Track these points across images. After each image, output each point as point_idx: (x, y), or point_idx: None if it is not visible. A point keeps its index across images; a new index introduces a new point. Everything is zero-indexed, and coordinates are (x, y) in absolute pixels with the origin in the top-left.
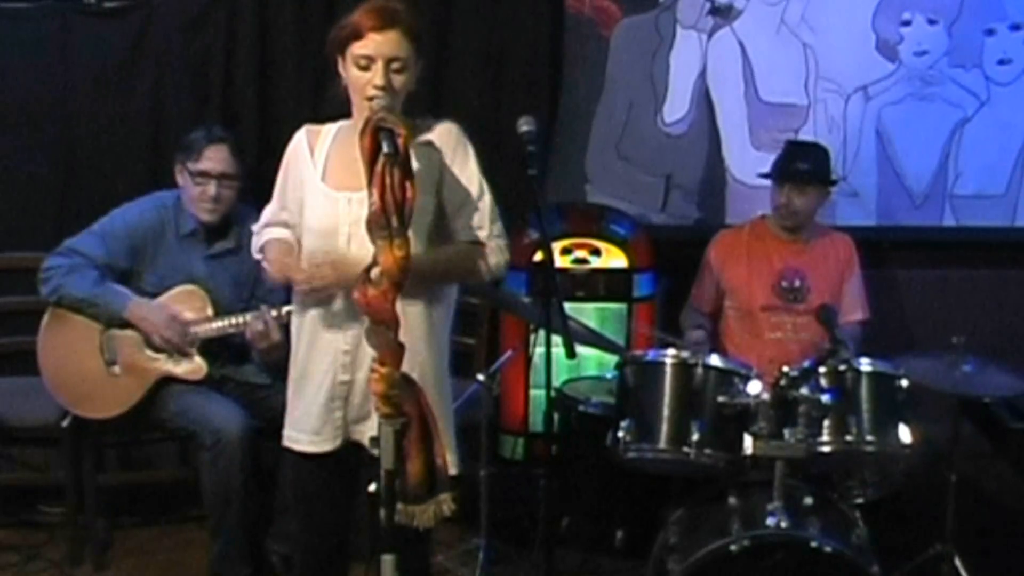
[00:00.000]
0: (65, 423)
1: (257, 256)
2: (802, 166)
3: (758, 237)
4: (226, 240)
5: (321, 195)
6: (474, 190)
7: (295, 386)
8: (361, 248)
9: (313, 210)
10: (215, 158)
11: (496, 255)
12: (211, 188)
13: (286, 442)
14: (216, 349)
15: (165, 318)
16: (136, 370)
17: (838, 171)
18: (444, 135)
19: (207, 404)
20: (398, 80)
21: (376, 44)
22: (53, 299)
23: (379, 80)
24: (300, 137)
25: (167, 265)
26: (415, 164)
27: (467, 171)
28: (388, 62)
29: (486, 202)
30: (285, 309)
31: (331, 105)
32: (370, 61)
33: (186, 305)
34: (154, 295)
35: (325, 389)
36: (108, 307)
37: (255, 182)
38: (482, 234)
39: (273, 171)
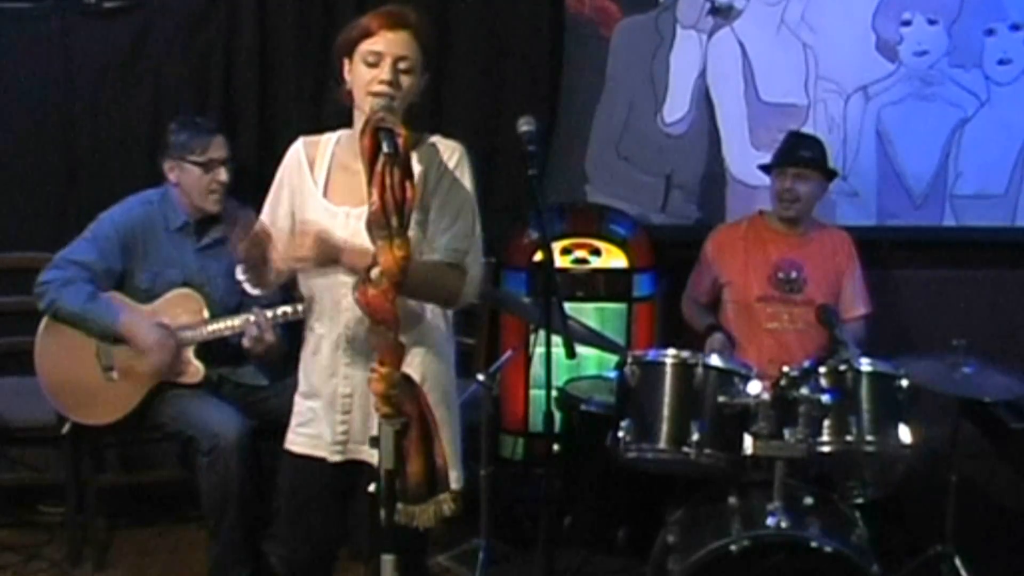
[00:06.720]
0: (65, 430)
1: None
2: (805, 153)
3: (755, 230)
4: (215, 231)
5: (322, 210)
6: (464, 207)
7: (301, 393)
8: None
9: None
10: (221, 146)
11: (471, 284)
12: (222, 174)
13: (288, 444)
14: (213, 351)
15: (158, 338)
16: (133, 375)
17: (838, 171)
18: (448, 146)
19: (204, 408)
20: (404, 80)
21: (387, 41)
22: (49, 313)
23: (386, 75)
24: (297, 149)
25: (159, 260)
26: (416, 165)
27: (463, 186)
28: (396, 60)
29: (468, 221)
30: (280, 310)
31: (332, 107)
32: (379, 58)
33: (181, 309)
34: (148, 292)
35: (326, 400)
36: (100, 321)
37: (254, 181)
38: (464, 258)
39: (272, 171)
